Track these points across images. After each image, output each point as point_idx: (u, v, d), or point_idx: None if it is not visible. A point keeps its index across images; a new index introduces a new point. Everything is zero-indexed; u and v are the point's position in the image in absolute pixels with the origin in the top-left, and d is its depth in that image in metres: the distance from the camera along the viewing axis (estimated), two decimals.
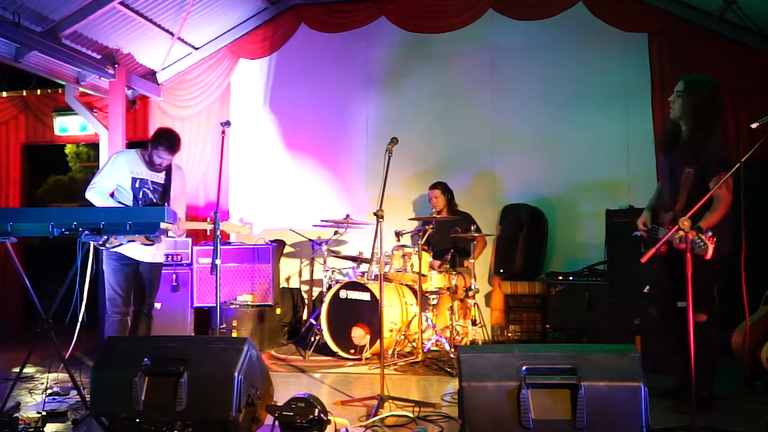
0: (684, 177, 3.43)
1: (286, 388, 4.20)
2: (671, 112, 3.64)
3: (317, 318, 5.51)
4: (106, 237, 3.97)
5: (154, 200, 4.36)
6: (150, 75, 6.98)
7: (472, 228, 5.50)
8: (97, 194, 4.23)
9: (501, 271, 6.10)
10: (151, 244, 4.16)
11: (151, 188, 4.35)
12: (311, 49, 6.99)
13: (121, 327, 4.27)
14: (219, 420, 2.80)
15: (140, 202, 4.29)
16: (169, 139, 4.30)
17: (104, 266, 4.31)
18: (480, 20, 6.47)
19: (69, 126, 7.36)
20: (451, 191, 6.01)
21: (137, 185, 4.30)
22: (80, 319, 3.87)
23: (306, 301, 6.61)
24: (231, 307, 5.76)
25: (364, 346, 5.08)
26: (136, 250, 4.26)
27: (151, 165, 4.34)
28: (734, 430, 3.08)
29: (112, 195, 4.29)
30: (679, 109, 3.57)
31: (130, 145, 6.61)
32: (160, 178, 4.40)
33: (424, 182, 6.39)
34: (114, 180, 4.27)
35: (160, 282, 4.57)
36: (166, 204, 4.36)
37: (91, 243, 3.67)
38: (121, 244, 4.03)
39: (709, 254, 2.91)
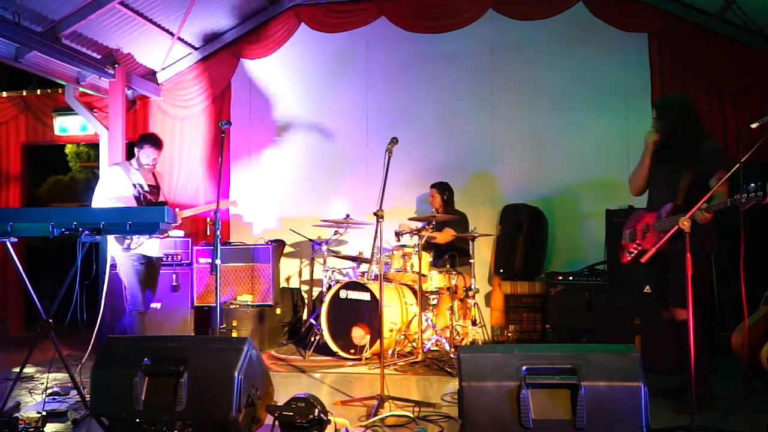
0: (683, 177, 3.61)
1: (286, 388, 4.20)
2: (659, 135, 3.81)
3: (317, 318, 5.51)
4: (129, 239, 4.32)
5: (153, 201, 4.68)
6: (150, 75, 6.98)
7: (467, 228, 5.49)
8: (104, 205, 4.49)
9: (501, 271, 6.10)
10: (165, 237, 4.65)
11: (149, 191, 4.69)
12: (311, 49, 6.99)
13: (141, 322, 4.54)
14: (219, 420, 2.80)
15: (143, 205, 4.57)
16: (152, 138, 4.73)
17: (124, 267, 4.53)
18: (480, 20, 6.48)
19: (69, 126, 7.35)
20: (451, 191, 5.98)
21: (137, 191, 4.60)
22: (98, 319, 3.93)
23: (306, 301, 6.61)
24: (231, 307, 5.76)
25: (364, 346, 5.08)
26: (150, 247, 4.57)
27: (141, 168, 4.70)
28: (734, 430, 3.08)
29: None
30: (662, 130, 3.76)
31: (130, 145, 6.63)
32: (150, 180, 4.76)
33: (424, 182, 6.38)
34: (117, 190, 4.53)
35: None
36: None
37: (111, 246, 3.86)
38: (142, 243, 4.41)
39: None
